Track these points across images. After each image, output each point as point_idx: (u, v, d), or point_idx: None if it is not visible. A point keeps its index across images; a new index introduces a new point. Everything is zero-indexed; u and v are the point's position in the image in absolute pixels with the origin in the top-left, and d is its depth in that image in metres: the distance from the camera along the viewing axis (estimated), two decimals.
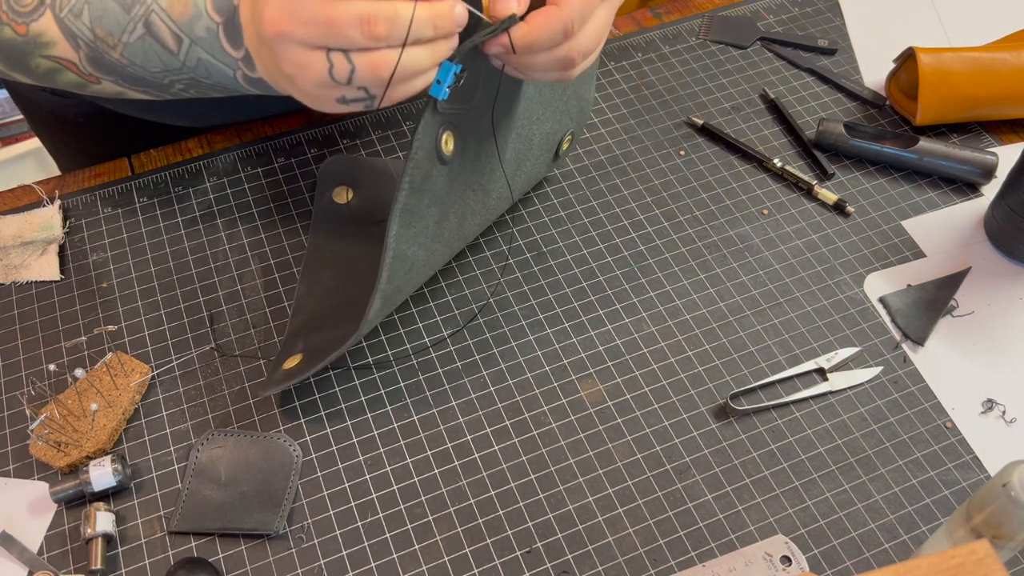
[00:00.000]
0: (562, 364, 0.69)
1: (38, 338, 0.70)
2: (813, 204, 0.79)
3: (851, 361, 0.69)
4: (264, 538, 0.61)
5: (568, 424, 0.66)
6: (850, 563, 0.60)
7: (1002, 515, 0.48)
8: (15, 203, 0.78)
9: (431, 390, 0.67)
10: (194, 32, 0.56)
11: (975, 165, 0.78)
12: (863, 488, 0.63)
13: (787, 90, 0.87)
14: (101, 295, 0.72)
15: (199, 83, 0.60)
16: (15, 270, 0.73)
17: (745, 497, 0.63)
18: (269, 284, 0.73)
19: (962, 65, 0.80)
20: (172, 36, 0.56)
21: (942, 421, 0.66)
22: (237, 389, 0.67)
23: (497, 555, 0.60)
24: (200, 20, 0.55)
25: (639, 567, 0.60)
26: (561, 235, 0.76)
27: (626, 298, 0.73)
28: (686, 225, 0.77)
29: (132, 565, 0.59)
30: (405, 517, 0.62)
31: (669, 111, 0.86)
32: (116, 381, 0.65)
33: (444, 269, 0.74)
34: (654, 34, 0.92)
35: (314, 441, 0.65)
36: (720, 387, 0.68)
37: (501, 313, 0.72)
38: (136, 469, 0.63)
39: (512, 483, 0.63)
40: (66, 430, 0.62)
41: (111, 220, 0.77)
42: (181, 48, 0.57)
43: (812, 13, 0.94)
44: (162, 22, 0.56)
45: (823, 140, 0.81)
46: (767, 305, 0.72)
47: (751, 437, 0.65)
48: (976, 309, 0.72)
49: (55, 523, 0.61)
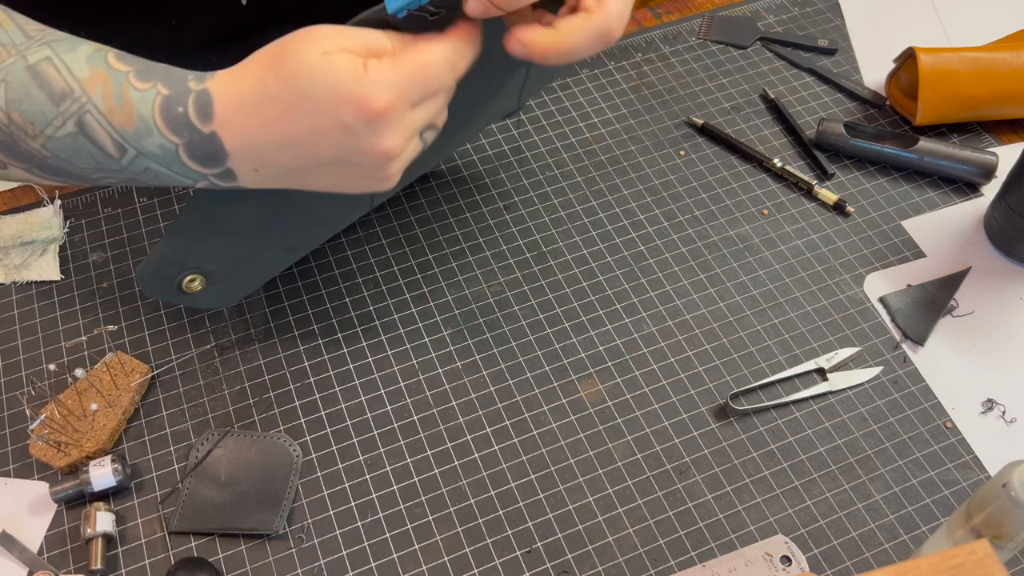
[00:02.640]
0: (562, 364, 0.69)
1: (38, 338, 0.70)
2: (813, 204, 0.79)
3: (851, 361, 0.69)
4: (264, 538, 0.61)
5: (568, 424, 0.66)
6: (850, 563, 0.60)
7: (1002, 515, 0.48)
8: (15, 203, 0.78)
9: (431, 390, 0.67)
10: (143, 146, 0.46)
11: (975, 165, 0.78)
12: (863, 488, 0.63)
13: (787, 90, 0.87)
14: (101, 295, 0.72)
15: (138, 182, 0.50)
16: (15, 270, 0.73)
17: (745, 497, 0.63)
18: (269, 284, 0.73)
19: (962, 65, 0.80)
20: (113, 143, 0.47)
21: (942, 421, 0.66)
22: (237, 389, 0.67)
23: (497, 555, 0.60)
24: (150, 136, 0.46)
25: (639, 567, 0.60)
26: (561, 235, 0.76)
27: (626, 298, 0.73)
28: (686, 225, 0.77)
29: (132, 565, 0.59)
30: (405, 517, 0.62)
31: (669, 111, 0.86)
32: (116, 381, 0.65)
33: (443, 269, 0.74)
34: (654, 34, 0.92)
35: (314, 441, 0.65)
36: (720, 387, 0.68)
37: (501, 313, 0.72)
38: (136, 469, 0.63)
39: (512, 483, 0.63)
40: (66, 430, 0.62)
41: (111, 220, 0.77)
42: (125, 156, 0.47)
43: (812, 13, 0.94)
44: (100, 126, 0.46)
45: (823, 140, 0.81)
46: (767, 305, 0.72)
47: (751, 437, 0.65)
48: (976, 309, 0.72)
49: (55, 523, 0.61)
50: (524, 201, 0.79)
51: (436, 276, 0.74)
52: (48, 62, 0.46)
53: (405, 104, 0.45)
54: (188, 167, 0.47)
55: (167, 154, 0.47)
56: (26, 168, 0.50)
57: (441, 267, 0.74)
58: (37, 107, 0.46)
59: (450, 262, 0.74)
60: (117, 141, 0.47)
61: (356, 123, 0.44)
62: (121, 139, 0.46)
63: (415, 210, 0.78)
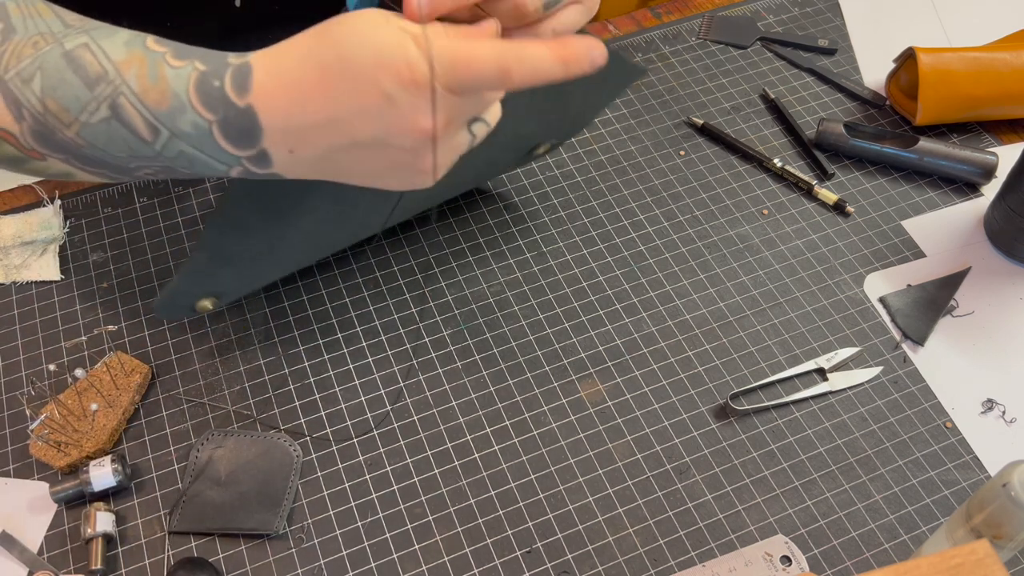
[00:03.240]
0: (562, 364, 0.69)
1: (38, 338, 0.70)
2: (813, 204, 0.79)
3: (851, 361, 0.69)
4: (264, 538, 0.61)
5: (568, 424, 0.66)
6: (850, 563, 0.60)
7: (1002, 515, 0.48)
8: (15, 203, 0.78)
9: (431, 390, 0.67)
10: (176, 126, 0.46)
11: (975, 165, 0.78)
12: (863, 488, 0.63)
13: (787, 90, 0.87)
14: (101, 295, 0.72)
15: (174, 171, 0.50)
16: (15, 270, 0.73)
17: (745, 497, 0.63)
18: (269, 284, 0.73)
19: (962, 65, 0.80)
20: (146, 125, 0.46)
21: (942, 421, 0.66)
22: (237, 389, 0.67)
23: (497, 555, 0.60)
24: (184, 114, 0.45)
25: (639, 567, 0.60)
26: (561, 235, 0.76)
27: (626, 298, 0.73)
28: (686, 225, 0.77)
29: (132, 565, 0.59)
30: (405, 517, 0.62)
31: (669, 111, 0.86)
32: (116, 381, 0.65)
33: (443, 269, 0.74)
34: (654, 34, 0.92)
35: (314, 441, 0.65)
36: (720, 387, 0.68)
37: (501, 313, 0.72)
38: (136, 469, 0.63)
39: (512, 483, 0.63)
40: (66, 430, 0.62)
41: (111, 220, 0.77)
42: (158, 139, 0.47)
43: (812, 13, 0.94)
44: (133, 107, 0.46)
45: (823, 140, 0.81)
46: (767, 305, 0.72)
47: (751, 437, 0.65)
48: (976, 309, 0.72)
49: (55, 523, 0.61)
50: (524, 201, 0.79)
51: (436, 276, 0.74)
52: (85, 48, 0.46)
53: (449, 83, 0.43)
54: (221, 148, 0.46)
55: (200, 133, 0.46)
56: (64, 159, 0.50)
57: (441, 267, 0.74)
58: (72, 92, 0.46)
59: (450, 262, 0.74)
60: (150, 122, 0.46)
61: (396, 91, 0.42)
62: (154, 119, 0.46)
63: None
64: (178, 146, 0.47)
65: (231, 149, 0.46)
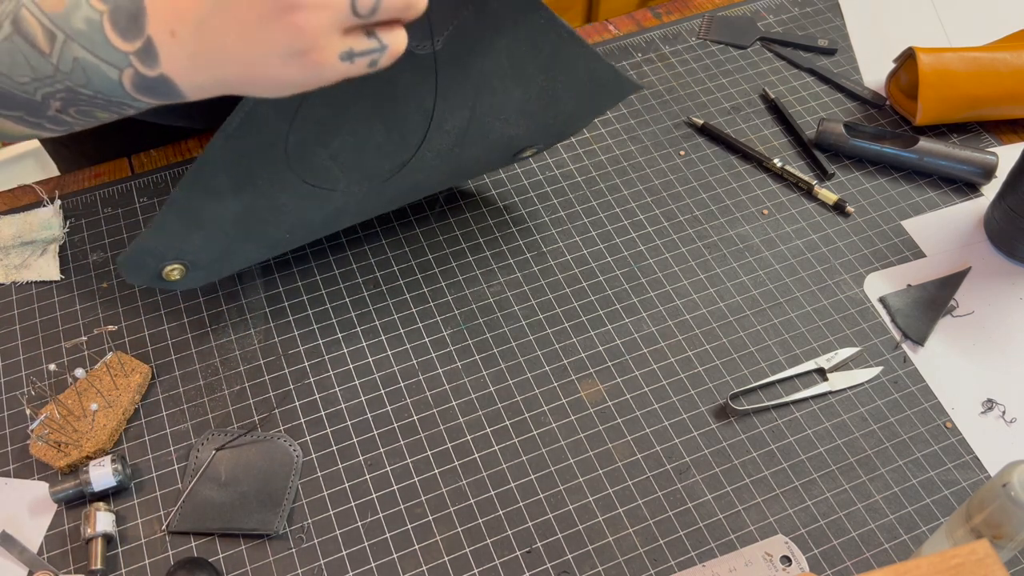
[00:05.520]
0: (562, 364, 0.69)
1: (38, 338, 0.70)
2: (813, 204, 0.79)
3: (851, 361, 0.69)
4: (264, 538, 0.61)
5: (568, 424, 0.66)
6: (850, 563, 0.60)
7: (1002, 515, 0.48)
8: (15, 203, 0.78)
9: (431, 390, 0.67)
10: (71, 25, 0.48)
11: (975, 165, 0.78)
12: (863, 488, 0.63)
13: (787, 90, 0.87)
14: (101, 295, 0.72)
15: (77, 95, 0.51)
16: (15, 270, 0.73)
17: (745, 497, 0.63)
18: (269, 284, 0.73)
19: (962, 65, 0.80)
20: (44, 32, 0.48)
21: (942, 421, 0.66)
22: (237, 389, 0.67)
23: (497, 555, 0.60)
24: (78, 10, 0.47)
25: (639, 567, 0.60)
26: (561, 235, 0.76)
27: (626, 298, 0.73)
28: (686, 225, 0.77)
29: (132, 565, 0.59)
30: (405, 517, 0.62)
31: (669, 111, 0.86)
32: (116, 381, 0.65)
33: (443, 269, 0.74)
34: (654, 34, 0.92)
35: (314, 441, 0.65)
36: (720, 387, 0.68)
37: (501, 313, 0.72)
38: (136, 469, 0.63)
39: (512, 483, 0.63)
40: (66, 430, 0.62)
41: (111, 220, 0.77)
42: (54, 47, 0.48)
43: (812, 13, 0.94)
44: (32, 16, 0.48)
45: (823, 140, 0.81)
46: (767, 305, 0.72)
47: (751, 437, 0.66)
48: (976, 309, 0.72)
49: (55, 523, 0.61)
50: (524, 201, 0.79)
51: (436, 276, 0.74)
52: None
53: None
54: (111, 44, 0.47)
55: (92, 28, 0.47)
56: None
57: (441, 267, 0.74)
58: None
59: (450, 262, 0.75)
60: (48, 28, 0.48)
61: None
62: (51, 24, 0.48)
63: (415, 210, 0.78)
64: (72, 51, 0.48)
65: (120, 43, 0.48)
